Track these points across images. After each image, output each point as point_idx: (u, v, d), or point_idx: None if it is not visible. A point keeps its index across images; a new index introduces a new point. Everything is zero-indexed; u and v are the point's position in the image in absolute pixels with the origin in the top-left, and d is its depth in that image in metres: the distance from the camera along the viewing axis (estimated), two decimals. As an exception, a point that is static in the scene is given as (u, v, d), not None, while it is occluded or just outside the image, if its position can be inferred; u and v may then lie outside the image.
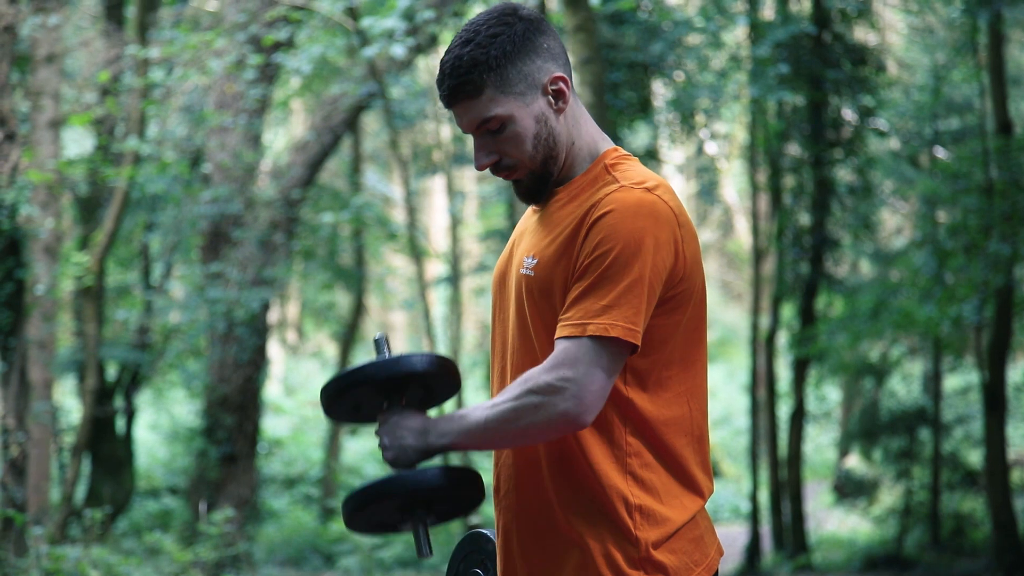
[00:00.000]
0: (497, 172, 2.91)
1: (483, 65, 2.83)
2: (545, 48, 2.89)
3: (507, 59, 2.85)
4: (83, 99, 17.79)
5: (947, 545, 18.03)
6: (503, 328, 2.95)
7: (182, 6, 16.84)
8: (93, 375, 15.33)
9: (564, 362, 2.70)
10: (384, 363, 2.82)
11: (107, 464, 17.90)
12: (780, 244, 18.72)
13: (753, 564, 17.33)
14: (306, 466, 24.69)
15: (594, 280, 2.72)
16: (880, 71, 18.65)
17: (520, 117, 2.86)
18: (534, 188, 2.92)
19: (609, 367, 2.71)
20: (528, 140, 2.87)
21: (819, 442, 28.60)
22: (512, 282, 2.91)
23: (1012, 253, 14.65)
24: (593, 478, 2.79)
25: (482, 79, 2.84)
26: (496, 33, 2.84)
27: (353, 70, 15.56)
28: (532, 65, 2.87)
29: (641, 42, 15.84)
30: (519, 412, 2.72)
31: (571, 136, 2.91)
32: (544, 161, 2.89)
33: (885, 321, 16.59)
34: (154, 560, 13.08)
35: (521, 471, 2.87)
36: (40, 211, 15.22)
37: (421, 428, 2.79)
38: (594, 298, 2.71)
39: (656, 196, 2.78)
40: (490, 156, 2.89)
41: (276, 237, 15.85)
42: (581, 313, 2.72)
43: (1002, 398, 15.32)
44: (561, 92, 2.89)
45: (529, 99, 2.87)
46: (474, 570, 3.00)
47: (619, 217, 2.74)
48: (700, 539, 2.83)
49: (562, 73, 2.89)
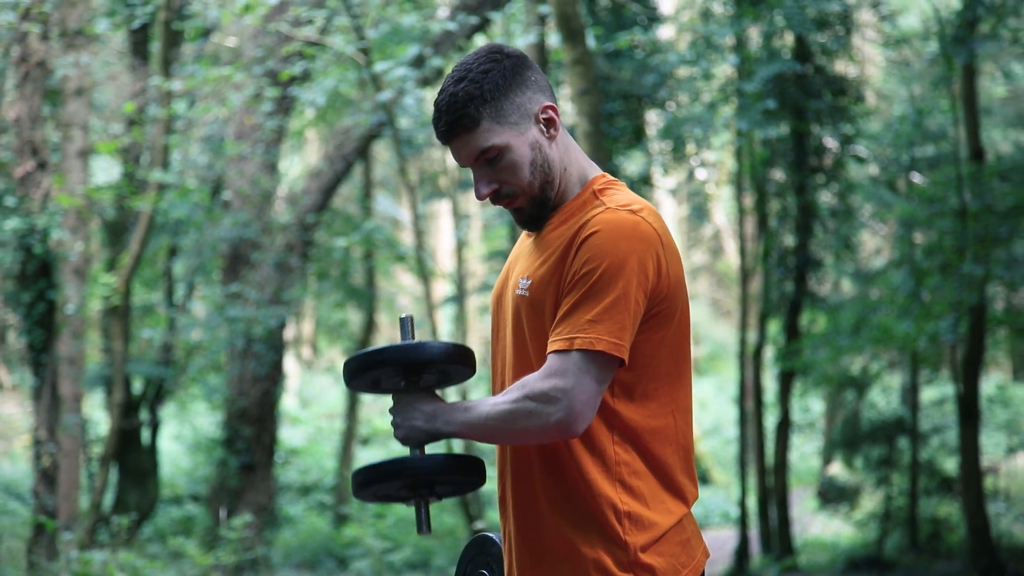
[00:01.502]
0: (497, 201, 2.93)
1: (478, 99, 2.86)
2: (532, 81, 2.92)
3: (500, 92, 2.88)
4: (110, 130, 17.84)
5: (925, 548, 18.02)
6: (502, 345, 2.97)
7: (203, 42, 16.87)
8: (120, 389, 15.34)
9: (556, 372, 2.73)
10: (405, 348, 2.87)
11: (133, 473, 17.90)
12: (766, 264, 18.74)
13: (742, 566, 17.31)
14: (320, 474, 24.67)
15: (581, 296, 2.74)
16: (859, 101, 18.69)
17: (516, 146, 2.88)
18: (534, 214, 2.94)
19: (598, 378, 2.74)
20: (525, 167, 2.89)
21: (804, 451, 28.58)
22: (509, 302, 2.94)
23: (985, 273, 14.67)
24: (584, 487, 2.81)
25: (478, 112, 2.87)
26: (487, 69, 2.88)
27: (364, 102, 15.59)
28: (523, 96, 2.90)
29: (635, 75, 15.87)
30: (515, 416, 2.75)
31: (563, 162, 2.94)
32: (542, 186, 2.91)
33: (865, 337, 16.59)
34: (177, 564, 13.09)
35: (516, 481, 2.90)
36: (70, 235, 15.24)
37: (431, 412, 2.83)
38: (580, 313, 2.74)
39: (640, 218, 2.80)
40: (490, 185, 2.91)
41: (292, 259, 15.87)
42: (569, 328, 2.74)
43: (976, 409, 15.32)
44: (552, 120, 2.92)
45: (523, 128, 2.89)
46: (480, 571, 3.03)
47: (604, 237, 2.76)
48: (687, 542, 2.84)
49: (551, 103, 2.92)
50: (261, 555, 14.89)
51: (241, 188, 15.67)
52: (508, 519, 2.95)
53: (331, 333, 31.46)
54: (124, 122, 16.26)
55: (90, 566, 8.61)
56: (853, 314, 16.99)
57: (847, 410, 21.82)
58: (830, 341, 17.02)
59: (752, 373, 19.11)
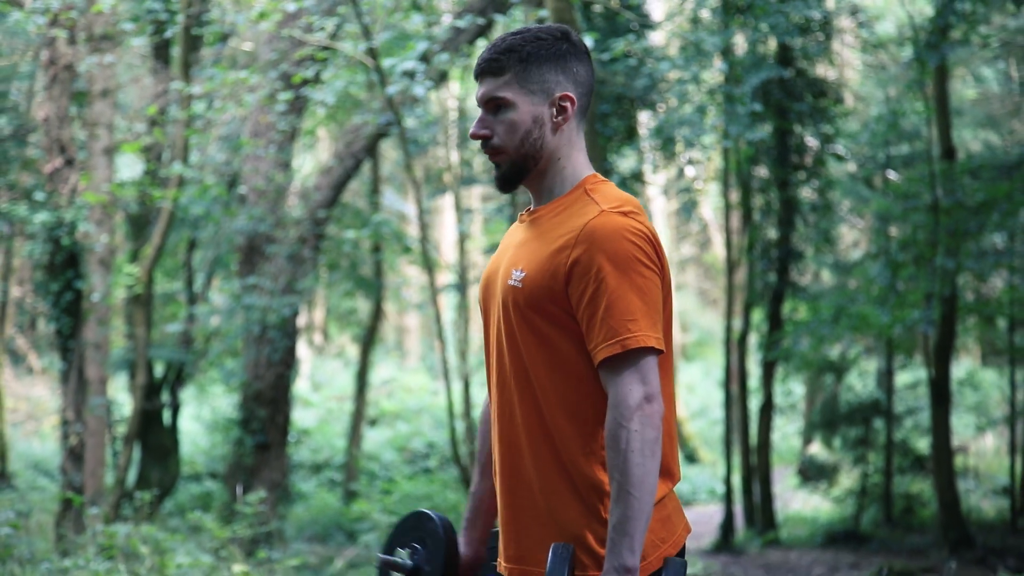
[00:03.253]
0: (484, 148, 2.95)
1: (515, 53, 2.89)
2: (572, 71, 2.92)
3: (535, 60, 2.89)
4: (134, 129, 17.82)
5: (899, 522, 18.05)
6: (495, 331, 2.96)
7: (221, 46, 16.85)
8: (143, 373, 15.35)
9: (625, 378, 2.71)
10: None
11: (155, 452, 17.91)
12: (751, 256, 18.74)
13: (727, 540, 17.32)
14: (331, 453, 24.69)
15: (607, 305, 2.73)
16: (838, 103, 18.69)
17: (522, 110, 2.90)
18: (509, 176, 2.95)
19: (653, 366, 2.74)
20: (519, 132, 2.90)
21: (785, 431, 28.58)
22: (499, 290, 2.92)
23: (956, 265, 14.68)
24: (570, 468, 2.81)
25: (508, 63, 2.90)
26: (540, 38, 2.90)
27: (372, 102, 15.58)
28: (552, 76, 2.90)
29: (628, 78, 15.86)
30: (643, 450, 2.68)
31: (559, 152, 2.93)
32: (524, 156, 2.91)
33: (844, 324, 16.60)
34: (196, 537, 13.10)
35: (505, 462, 2.89)
36: (96, 228, 15.25)
37: (619, 574, 2.68)
38: (615, 315, 2.72)
39: (633, 219, 2.80)
40: (483, 130, 2.93)
41: (304, 251, 15.87)
42: (610, 332, 2.72)
43: (947, 392, 15.34)
44: (564, 108, 2.91)
45: (536, 100, 2.90)
46: (413, 544, 3.03)
47: (606, 243, 2.75)
48: (667, 519, 2.84)
49: (572, 95, 2.92)
50: (275, 529, 14.90)
51: (256, 184, 15.67)
52: (497, 494, 2.95)
53: (341, 320, 31.48)
54: (146, 122, 16.24)
55: (115, 539, 8.61)
56: (832, 303, 17.00)
57: (826, 393, 21.82)
58: (811, 329, 17.03)
59: (737, 359, 19.12)
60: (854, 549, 16.51)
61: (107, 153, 15.43)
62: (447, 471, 23.31)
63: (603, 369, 2.74)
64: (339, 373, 31.37)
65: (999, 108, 23.26)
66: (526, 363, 2.83)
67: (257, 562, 10.40)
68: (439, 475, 23.34)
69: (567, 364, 2.80)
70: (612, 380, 2.72)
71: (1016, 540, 15.99)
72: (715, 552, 16.83)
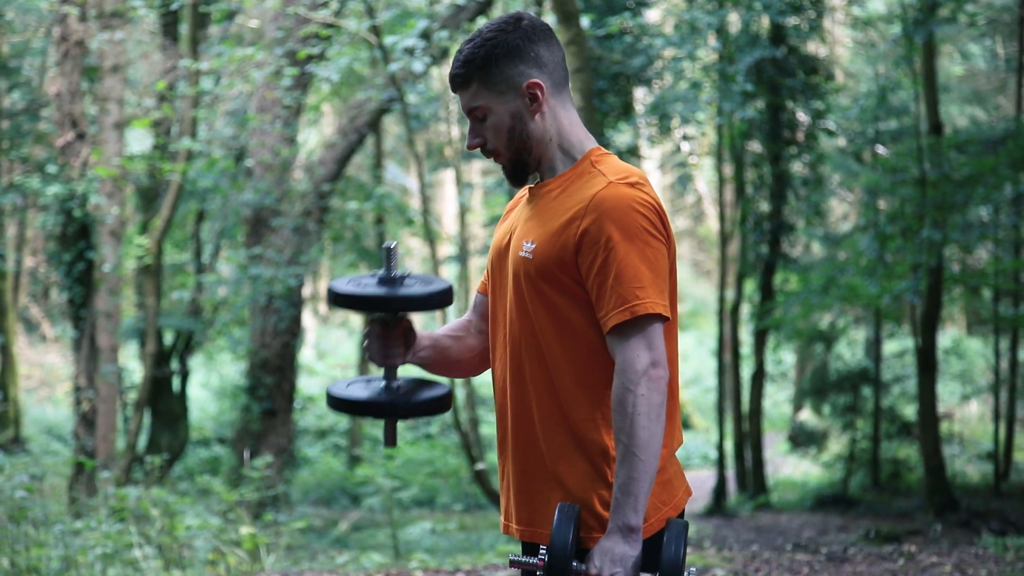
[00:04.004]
0: (484, 154, 2.97)
1: (471, 63, 2.89)
2: (532, 56, 2.90)
3: (492, 62, 2.88)
4: (143, 104, 17.78)
5: (886, 487, 18.09)
6: (503, 300, 2.96)
7: (228, 24, 16.81)
8: (153, 341, 15.37)
9: (633, 343, 2.72)
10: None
11: (165, 417, 17.94)
12: (743, 228, 18.73)
13: (720, 503, 17.36)
14: (335, 419, 24.70)
15: (616, 273, 2.73)
16: (829, 79, 18.66)
17: (498, 112, 2.90)
18: (513, 172, 2.96)
19: (659, 332, 2.74)
20: (504, 132, 2.91)
21: (776, 399, 28.64)
22: (510, 261, 2.92)
23: (942, 237, 14.67)
24: (578, 432, 2.81)
25: (470, 74, 2.90)
26: (490, 38, 2.89)
27: (375, 79, 15.54)
28: (514, 70, 2.89)
29: (624, 56, 15.82)
30: (648, 412, 2.70)
31: (548, 134, 2.92)
32: (517, 151, 2.92)
33: (833, 295, 16.60)
34: (205, 500, 13.13)
35: (517, 427, 2.89)
36: (107, 200, 15.24)
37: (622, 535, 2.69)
38: (625, 283, 2.72)
39: (639, 190, 2.80)
40: (476, 139, 2.96)
41: (309, 223, 15.86)
42: (620, 300, 2.73)
43: (933, 360, 15.34)
44: (535, 96, 2.90)
45: (507, 98, 2.90)
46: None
47: (615, 213, 2.75)
48: (669, 482, 2.84)
49: (539, 80, 2.90)
50: (281, 492, 14.93)
51: (263, 158, 15.64)
52: (508, 459, 2.95)
53: (345, 291, 31.44)
54: (156, 97, 16.22)
55: (126, 501, 8.62)
56: (822, 274, 17.00)
57: (816, 361, 21.86)
58: (801, 299, 17.03)
59: (730, 328, 19.14)
60: (842, 512, 16.55)
61: (117, 127, 15.40)
62: (448, 436, 23.34)
63: (612, 335, 2.74)
64: (343, 342, 31.40)
65: (985, 84, 23.23)
66: (536, 332, 2.84)
67: (264, 524, 10.43)
68: (440, 441, 23.38)
69: (576, 332, 2.80)
70: (620, 346, 2.72)
71: (999, 503, 16.02)
72: (708, 515, 16.86)
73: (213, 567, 8.13)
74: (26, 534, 7.79)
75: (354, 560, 9.80)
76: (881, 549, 9.22)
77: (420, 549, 12.97)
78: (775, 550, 9.80)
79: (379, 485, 18.53)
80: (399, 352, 2.94)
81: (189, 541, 8.80)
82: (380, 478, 18.41)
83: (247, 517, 9.27)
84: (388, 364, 2.94)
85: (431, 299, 2.89)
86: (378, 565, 8.87)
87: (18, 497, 8.15)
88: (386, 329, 2.92)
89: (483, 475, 15.15)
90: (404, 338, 2.95)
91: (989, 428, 20.26)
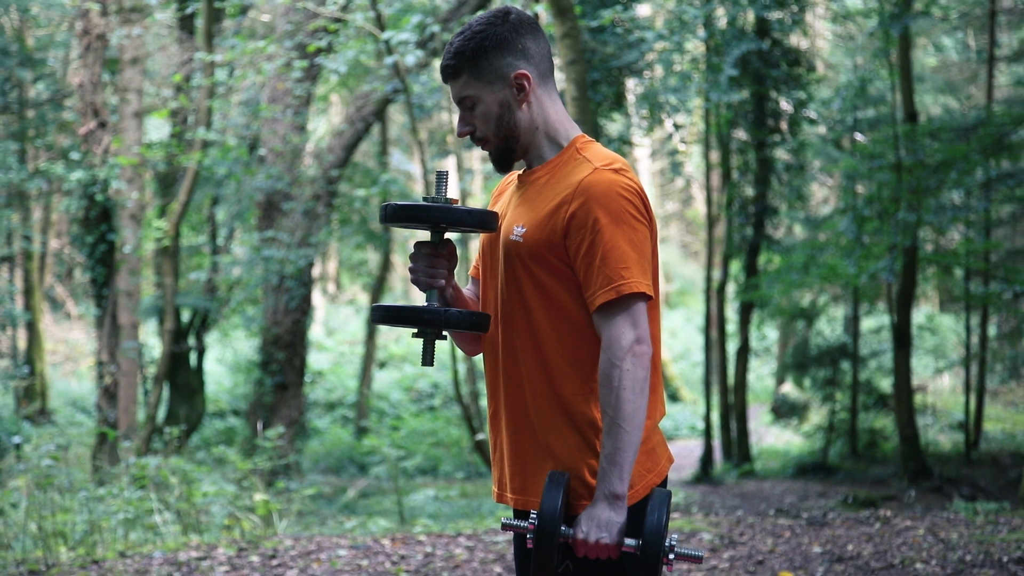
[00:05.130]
0: (474, 141, 2.97)
1: (462, 55, 2.90)
2: (520, 49, 2.91)
3: (482, 54, 2.89)
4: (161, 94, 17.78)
5: (863, 455, 18.14)
6: (494, 281, 2.97)
7: (242, 18, 16.78)
8: (171, 318, 15.37)
9: (619, 321, 2.72)
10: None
11: (182, 391, 17.96)
12: (729, 212, 18.74)
13: (707, 471, 17.40)
14: (343, 393, 24.75)
15: (602, 255, 2.74)
16: (811, 70, 18.64)
17: (487, 101, 2.90)
18: (499, 158, 2.96)
19: (643, 311, 2.75)
20: (492, 120, 2.91)
21: (760, 372, 28.67)
22: (501, 245, 2.93)
23: (917, 219, 14.68)
24: (569, 406, 2.82)
25: (461, 65, 2.90)
26: (479, 31, 2.90)
27: (381, 70, 15.53)
28: (502, 61, 2.89)
29: (617, 48, 15.80)
30: (632, 386, 2.70)
31: (535, 122, 2.93)
32: (505, 139, 2.92)
33: (814, 274, 16.62)
34: (221, 468, 13.15)
35: (509, 401, 2.91)
36: (127, 185, 15.25)
37: (608, 502, 2.70)
38: (610, 264, 2.73)
39: (623, 175, 2.81)
40: (465, 127, 2.95)
41: (318, 207, 15.86)
42: (606, 280, 2.73)
43: (908, 336, 15.37)
44: (522, 86, 2.91)
45: (496, 88, 2.90)
46: None
47: (600, 199, 2.76)
48: (652, 451, 2.86)
49: (526, 71, 2.91)
50: (293, 461, 14.96)
51: (274, 146, 15.64)
52: (500, 432, 2.97)
53: (352, 271, 31.49)
54: (173, 88, 16.21)
55: (146, 470, 8.65)
56: (803, 255, 17.02)
57: (798, 337, 21.88)
58: (783, 278, 17.05)
59: (716, 306, 19.15)
60: (822, 479, 16.59)
61: (137, 117, 15.40)
62: (450, 409, 23.38)
63: (598, 314, 2.76)
64: (351, 319, 31.41)
65: (958, 75, 23.22)
66: (527, 311, 2.85)
67: (276, 491, 10.45)
68: (442, 413, 23.42)
69: (565, 311, 2.82)
70: (606, 323, 2.74)
71: (970, 470, 16.07)
72: (695, 483, 16.90)
73: (228, 531, 8.16)
74: (52, 500, 7.82)
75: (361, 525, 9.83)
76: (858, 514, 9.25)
77: (424, 515, 13.00)
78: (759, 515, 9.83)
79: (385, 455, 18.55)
80: (444, 274, 2.94)
81: (206, 507, 8.82)
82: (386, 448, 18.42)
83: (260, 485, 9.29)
84: (434, 285, 2.94)
85: (484, 217, 2.91)
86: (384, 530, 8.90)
87: (45, 465, 8.18)
88: (433, 249, 2.93)
89: (483, 445, 15.19)
90: (448, 261, 2.96)
91: (960, 400, 20.31)
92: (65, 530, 7.52)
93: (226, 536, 7.86)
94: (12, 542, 7.54)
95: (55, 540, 7.33)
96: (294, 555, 7.01)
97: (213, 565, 6.69)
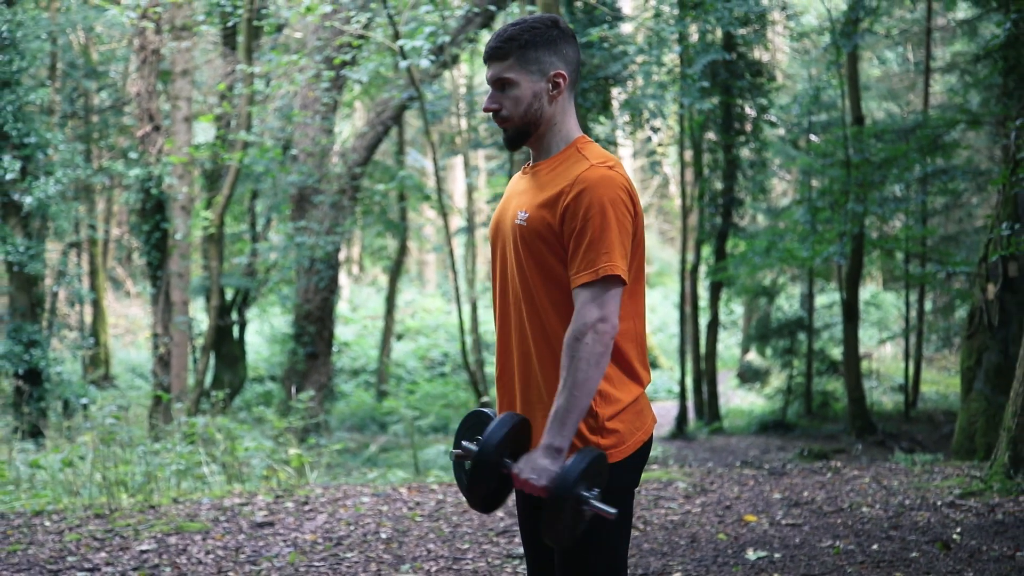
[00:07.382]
0: (495, 118, 2.93)
1: (515, 41, 2.87)
2: (563, 52, 2.89)
3: (532, 46, 2.87)
4: (207, 102, 17.72)
5: (816, 414, 18.13)
6: (502, 264, 2.96)
7: (277, 35, 16.74)
8: (216, 296, 15.37)
9: (592, 300, 2.69)
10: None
11: (226, 359, 17.96)
12: (701, 203, 18.70)
13: (681, 429, 17.40)
14: (366, 361, 24.75)
15: (590, 237, 2.71)
16: (771, 80, 18.58)
17: (524, 87, 2.87)
18: (514, 138, 2.93)
19: (618, 295, 2.73)
20: (523, 105, 2.88)
21: (728, 343, 28.67)
22: (508, 229, 2.92)
23: (863, 210, 14.67)
24: None
25: (510, 49, 2.87)
26: (534, 26, 2.88)
27: (398, 80, 15.49)
28: (547, 58, 2.88)
29: (603, 61, 15.75)
30: (589, 360, 2.66)
31: (555, 119, 2.91)
32: (527, 124, 2.89)
33: (774, 257, 16.60)
34: (260, 426, 13.16)
35: (521, 366, 2.89)
36: (178, 181, 15.22)
37: (547, 452, 2.65)
38: (595, 248, 2.70)
39: (616, 172, 2.81)
40: (494, 104, 2.90)
41: (344, 200, 15.83)
42: (589, 262, 2.70)
43: (856, 311, 15.36)
44: (558, 84, 2.89)
45: (535, 79, 2.88)
46: (477, 437, 2.96)
47: (596, 189, 2.74)
48: (640, 412, 2.85)
49: (564, 72, 2.90)
50: (322, 421, 14.97)
51: (305, 146, 15.61)
52: (508, 392, 2.95)
53: (373, 255, 31.47)
54: (217, 96, 16.16)
55: (195, 428, 8.65)
56: (765, 240, 16.98)
57: (760, 312, 21.87)
58: (748, 260, 17.03)
59: (690, 285, 19.13)
60: (781, 435, 16.60)
61: (186, 121, 15.37)
62: (458, 375, 23.39)
63: (576, 290, 2.74)
64: (372, 297, 31.41)
65: (898, 84, 23.18)
66: (531, 285, 2.84)
67: (308, 447, 10.46)
68: (452, 378, 23.43)
69: (562, 283, 2.81)
70: (580, 300, 2.72)
71: (909, 427, 16.08)
72: (672, 439, 16.91)
73: (267, 481, 8.16)
74: (115, 453, 7.83)
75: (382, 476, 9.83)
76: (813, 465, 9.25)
77: (436, 467, 13.00)
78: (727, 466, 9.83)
79: (402, 415, 18.60)
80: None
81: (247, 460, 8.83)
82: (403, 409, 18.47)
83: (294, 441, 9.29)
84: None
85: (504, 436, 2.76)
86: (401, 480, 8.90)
87: (108, 424, 8.19)
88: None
89: (487, 406, 15.17)
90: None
91: (901, 366, 20.31)
92: (126, 479, 7.52)
93: (264, 485, 7.86)
94: (80, 489, 7.55)
95: (117, 488, 7.34)
96: (323, 501, 7.01)
97: (253, 510, 6.70)
